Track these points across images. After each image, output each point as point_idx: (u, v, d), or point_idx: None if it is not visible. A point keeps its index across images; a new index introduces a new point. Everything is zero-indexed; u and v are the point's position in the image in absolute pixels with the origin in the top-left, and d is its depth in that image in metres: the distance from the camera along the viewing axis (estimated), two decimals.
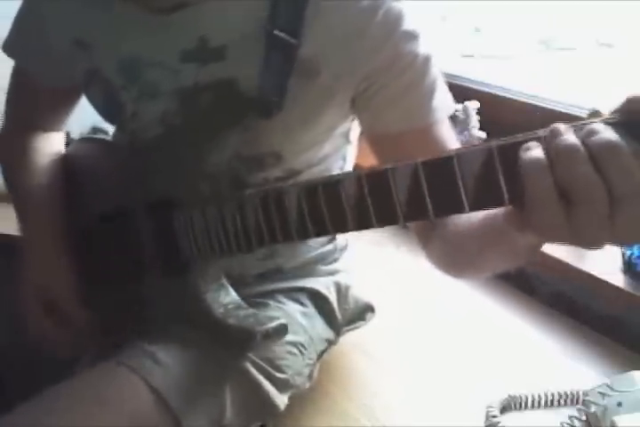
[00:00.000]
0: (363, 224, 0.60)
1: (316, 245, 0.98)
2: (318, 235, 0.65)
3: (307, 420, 0.95)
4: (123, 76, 0.84)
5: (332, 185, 0.61)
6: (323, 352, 0.97)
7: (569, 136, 0.46)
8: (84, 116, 1.03)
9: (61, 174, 0.97)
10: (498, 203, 0.51)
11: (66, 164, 0.99)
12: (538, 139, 0.48)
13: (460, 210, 0.53)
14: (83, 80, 0.89)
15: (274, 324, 0.87)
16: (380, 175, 0.57)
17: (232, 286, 0.84)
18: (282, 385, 0.89)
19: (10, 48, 0.96)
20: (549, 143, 0.47)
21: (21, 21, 0.94)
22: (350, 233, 0.64)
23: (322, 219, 0.63)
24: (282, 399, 0.89)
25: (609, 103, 0.49)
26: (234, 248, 0.74)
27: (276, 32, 0.74)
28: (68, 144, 1.05)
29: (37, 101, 0.99)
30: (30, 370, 0.99)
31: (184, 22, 0.78)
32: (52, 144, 1.01)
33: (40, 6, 0.89)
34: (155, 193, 0.83)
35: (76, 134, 1.07)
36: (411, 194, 0.55)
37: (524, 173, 0.47)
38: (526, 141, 0.48)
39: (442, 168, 0.53)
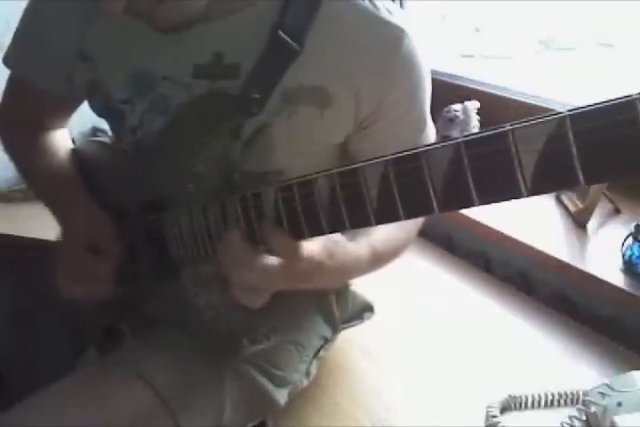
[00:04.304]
0: (336, 225, 0.59)
1: None
2: (296, 237, 0.64)
3: (307, 419, 0.95)
4: (129, 89, 0.83)
5: (307, 184, 0.60)
6: (319, 349, 0.97)
7: None
8: (84, 117, 1.03)
9: (73, 162, 0.96)
10: (467, 203, 0.50)
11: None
12: (504, 133, 0.46)
13: (430, 209, 0.52)
14: (83, 91, 0.89)
15: (263, 330, 0.87)
16: (350, 173, 0.56)
17: (226, 287, 0.84)
18: (279, 381, 0.89)
19: (10, 60, 0.95)
20: None
21: (23, 34, 0.92)
22: None
23: (297, 220, 0.62)
24: (281, 395, 0.89)
25: None
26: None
27: (280, 33, 0.74)
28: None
29: (39, 105, 0.98)
30: (31, 368, 0.99)
31: (199, 38, 0.78)
32: (59, 140, 1.00)
33: (43, 20, 0.88)
34: (148, 195, 0.83)
35: (76, 134, 1.07)
36: (380, 192, 0.54)
37: None
38: (493, 136, 0.47)
39: (410, 166, 0.52)
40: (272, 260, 0.64)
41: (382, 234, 0.78)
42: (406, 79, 0.79)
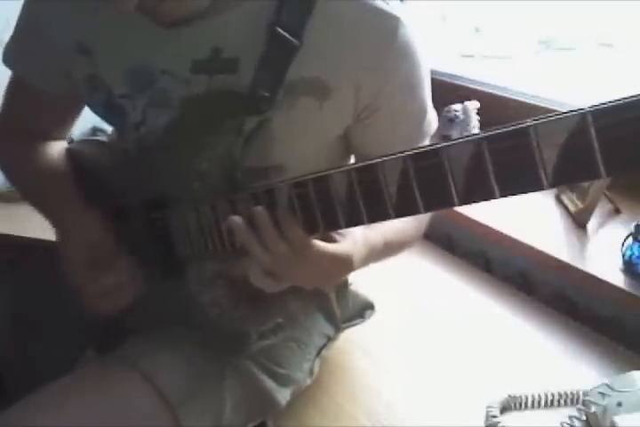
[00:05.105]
0: (353, 220, 0.60)
1: None
2: (310, 233, 0.65)
3: (307, 419, 0.95)
4: (128, 84, 0.83)
5: (323, 180, 0.60)
6: (322, 348, 0.97)
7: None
8: (84, 117, 1.03)
9: (69, 170, 0.96)
10: (488, 196, 0.51)
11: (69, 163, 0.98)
12: (525, 128, 0.48)
13: (451, 203, 0.53)
14: (83, 86, 0.89)
15: (270, 325, 0.87)
16: (369, 169, 0.57)
17: (230, 284, 0.84)
18: (282, 380, 0.89)
19: (9, 58, 0.95)
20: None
21: (22, 31, 0.92)
22: None
23: (313, 216, 0.62)
24: (283, 395, 0.89)
25: None
26: (227, 247, 0.74)
27: (278, 30, 0.75)
28: (68, 144, 1.04)
29: (38, 109, 0.97)
30: (30, 368, 0.99)
31: (197, 33, 0.78)
32: (55, 154, 0.98)
33: (42, 13, 0.88)
34: (151, 193, 0.83)
35: (76, 134, 1.06)
36: (400, 187, 0.55)
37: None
38: (515, 132, 0.48)
39: (430, 161, 0.53)
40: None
41: (393, 224, 0.79)
42: (403, 67, 0.79)
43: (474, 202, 0.53)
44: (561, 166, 0.47)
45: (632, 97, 0.44)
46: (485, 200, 0.52)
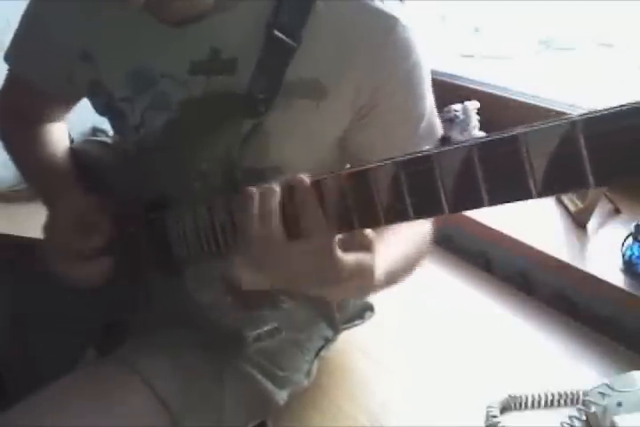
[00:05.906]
0: (344, 225, 0.59)
1: None
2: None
3: (306, 419, 0.95)
4: (129, 87, 0.83)
5: (315, 185, 0.59)
6: (320, 350, 0.97)
7: None
8: (84, 117, 1.03)
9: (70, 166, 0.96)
10: (477, 204, 0.50)
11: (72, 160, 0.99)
12: (516, 136, 0.47)
13: (441, 211, 0.52)
14: (84, 90, 0.89)
15: (267, 327, 0.87)
16: (360, 175, 0.56)
17: (227, 286, 0.84)
18: (280, 382, 0.89)
19: (11, 58, 0.95)
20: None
21: (23, 33, 0.92)
22: None
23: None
24: (281, 396, 0.89)
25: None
26: (223, 248, 0.73)
27: (275, 32, 0.74)
28: (70, 144, 1.05)
29: (36, 102, 0.98)
30: (30, 369, 0.99)
31: (197, 33, 0.78)
32: (57, 133, 1.00)
33: (45, 18, 0.88)
34: (151, 193, 0.83)
35: (76, 134, 1.07)
36: (390, 194, 0.55)
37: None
38: (505, 139, 0.48)
39: (421, 167, 0.52)
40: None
41: (395, 251, 0.77)
42: (402, 66, 0.78)
43: (463, 210, 0.52)
44: (550, 175, 0.47)
45: (622, 106, 0.43)
46: (474, 208, 0.51)
